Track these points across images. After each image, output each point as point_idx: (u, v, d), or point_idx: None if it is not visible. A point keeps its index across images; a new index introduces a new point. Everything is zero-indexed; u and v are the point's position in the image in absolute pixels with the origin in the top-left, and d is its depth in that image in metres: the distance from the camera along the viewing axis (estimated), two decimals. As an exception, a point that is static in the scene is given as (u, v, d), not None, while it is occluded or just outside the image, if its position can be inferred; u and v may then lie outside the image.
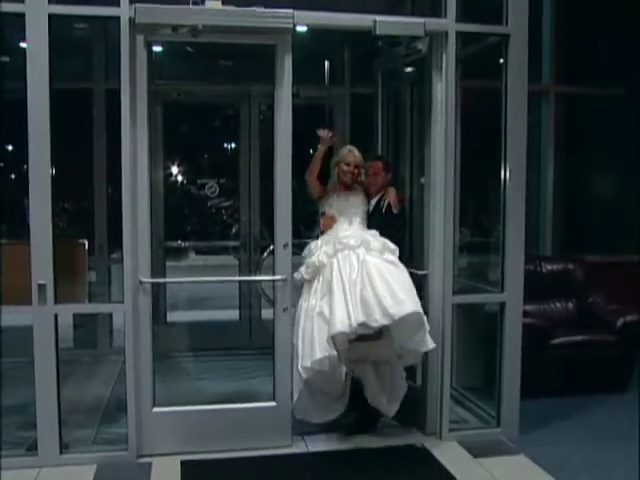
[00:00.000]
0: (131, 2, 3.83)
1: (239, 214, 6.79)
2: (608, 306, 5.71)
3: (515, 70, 4.34)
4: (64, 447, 4.00)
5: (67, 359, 4.47)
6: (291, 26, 4.01)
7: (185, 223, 9.07)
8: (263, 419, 4.25)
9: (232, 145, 8.67)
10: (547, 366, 5.14)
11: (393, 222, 4.56)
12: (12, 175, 6.89)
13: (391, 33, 4.34)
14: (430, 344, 4.14)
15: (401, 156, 5.37)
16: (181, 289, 8.01)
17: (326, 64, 6.62)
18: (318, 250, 4.31)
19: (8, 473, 3.79)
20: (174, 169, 9.19)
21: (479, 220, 5.92)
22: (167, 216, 6.53)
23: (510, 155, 4.37)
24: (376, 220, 4.55)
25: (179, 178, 9.43)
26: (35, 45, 3.76)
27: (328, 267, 4.21)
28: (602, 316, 5.64)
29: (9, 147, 6.59)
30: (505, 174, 4.39)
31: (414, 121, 5.10)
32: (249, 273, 6.54)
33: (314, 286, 4.24)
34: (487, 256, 5.03)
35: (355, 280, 4.09)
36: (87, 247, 4.27)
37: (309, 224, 5.06)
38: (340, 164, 4.57)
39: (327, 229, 4.48)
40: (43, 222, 3.83)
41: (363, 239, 4.28)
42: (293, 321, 4.25)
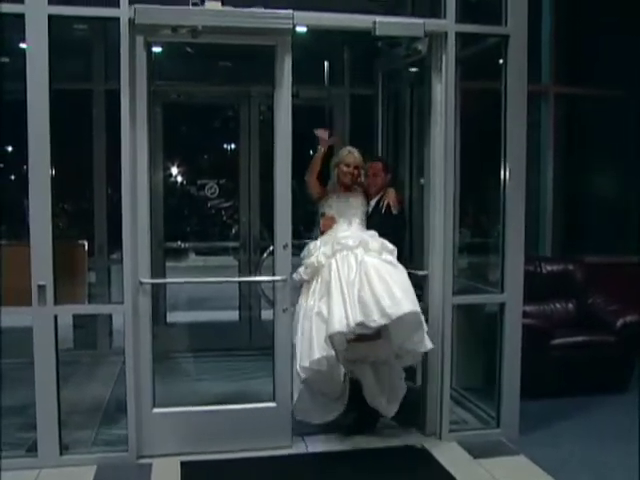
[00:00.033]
0: (131, 3, 3.83)
1: (239, 215, 6.79)
2: (608, 307, 5.70)
3: (515, 71, 4.34)
4: (64, 448, 4.00)
5: (67, 360, 4.47)
6: (291, 27, 4.01)
7: (185, 224, 9.06)
8: (263, 420, 4.24)
9: (232, 146, 8.67)
10: (547, 367, 5.14)
11: (392, 223, 4.56)
12: (12, 176, 6.88)
13: (391, 34, 4.34)
14: (428, 344, 4.14)
15: (401, 157, 5.38)
16: (181, 290, 8.01)
17: (326, 65, 6.62)
18: (317, 251, 4.31)
19: (8, 474, 3.79)
20: (174, 170, 9.19)
21: (479, 221, 5.92)
22: (167, 217, 6.52)
23: (510, 156, 4.37)
24: (375, 221, 4.55)
25: (179, 179, 9.43)
26: (35, 46, 3.76)
27: (326, 267, 4.22)
28: (602, 317, 5.63)
29: (9, 148, 6.59)
30: (505, 175, 4.39)
31: (414, 122, 5.10)
32: (249, 274, 6.55)
33: (313, 286, 4.25)
34: (487, 257, 5.03)
35: (353, 280, 4.09)
36: (87, 248, 4.26)
37: (309, 225, 5.06)
38: (340, 165, 4.57)
39: (327, 230, 4.47)
40: (43, 223, 3.83)
41: (361, 239, 4.28)
42: (293, 322, 4.25)
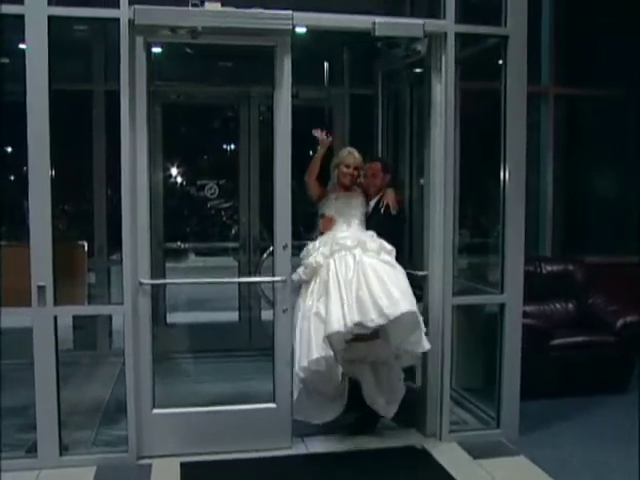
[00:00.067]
0: (130, 4, 3.84)
1: (239, 215, 6.79)
2: (608, 307, 5.70)
3: (514, 71, 4.34)
4: (64, 449, 4.00)
5: (67, 361, 4.47)
6: (290, 27, 4.01)
7: (185, 224, 9.05)
8: (263, 420, 4.24)
9: (232, 146, 8.66)
10: (547, 367, 5.14)
11: (391, 223, 4.56)
12: (12, 177, 6.88)
13: (390, 34, 4.34)
14: (426, 345, 4.15)
15: (401, 157, 5.37)
16: (181, 290, 7.99)
17: (325, 65, 6.62)
18: (315, 251, 4.32)
19: (8, 475, 3.79)
20: (173, 170, 9.18)
21: (479, 221, 5.92)
22: (167, 217, 6.53)
23: (509, 156, 4.37)
24: (375, 221, 4.55)
25: (178, 179, 9.42)
26: (35, 47, 3.76)
27: (325, 268, 4.22)
28: (602, 317, 5.63)
29: (9, 149, 6.58)
30: (505, 175, 4.39)
31: (414, 122, 5.10)
32: (249, 274, 6.55)
33: (311, 287, 4.25)
34: (487, 257, 5.03)
35: (351, 280, 4.10)
36: (87, 249, 4.26)
37: (309, 225, 5.06)
38: (340, 166, 4.57)
39: (326, 230, 4.47)
40: (43, 224, 3.83)
41: (359, 240, 4.29)
42: (293, 322, 4.26)
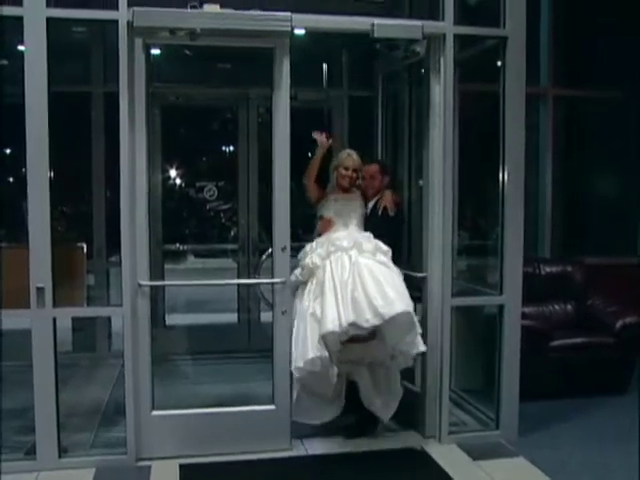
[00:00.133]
0: (129, 5, 3.84)
1: (237, 217, 6.79)
2: (607, 308, 5.70)
3: (513, 73, 4.34)
4: (63, 451, 3.99)
5: (66, 363, 4.48)
6: (289, 29, 4.01)
7: (184, 226, 9.06)
8: (262, 422, 4.24)
9: (230, 148, 8.66)
10: (546, 368, 5.14)
11: (389, 224, 4.56)
12: (11, 179, 6.87)
13: (389, 36, 4.34)
14: (421, 346, 4.17)
15: (400, 158, 5.37)
16: (180, 292, 8.00)
17: (324, 67, 6.62)
18: (312, 252, 4.33)
19: (7, 477, 3.78)
20: (172, 172, 9.18)
21: (478, 223, 5.92)
22: (166, 219, 6.52)
23: (508, 157, 4.37)
24: (373, 223, 4.55)
25: (177, 181, 9.42)
26: (33, 48, 3.76)
27: (321, 269, 4.24)
28: (601, 318, 5.63)
29: (8, 151, 6.58)
30: (503, 177, 4.39)
31: (413, 124, 5.10)
32: (248, 276, 6.55)
33: (308, 287, 4.27)
34: (486, 258, 5.03)
35: (347, 281, 4.11)
36: (86, 250, 4.27)
37: (308, 227, 5.06)
38: (339, 168, 4.58)
39: (325, 232, 4.48)
40: (42, 225, 3.82)
41: (355, 241, 4.30)
42: (292, 324, 4.25)
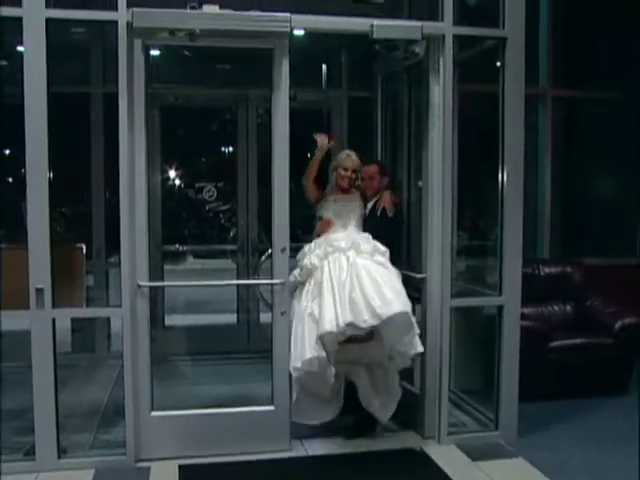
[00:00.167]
0: (129, 6, 3.84)
1: (237, 218, 6.79)
2: (606, 309, 5.70)
3: (512, 73, 4.34)
4: (62, 452, 3.99)
5: (65, 363, 4.49)
6: (288, 30, 4.01)
7: (183, 227, 9.07)
8: (261, 423, 4.24)
9: (230, 149, 8.67)
10: (545, 369, 5.14)
11: (387, 225, 4.57)
12: (10, 179, 6.87)
13: (388, 37, 4.34)
14: (419, 347, 4.17)
15: (399, 159, 5.37)
16: (179, 293, 8.00)
17: (323, 67, 6.62)
18: (310, 253, 4.34)
19: (6, 478, 3.78)
20: (172, 173, 9.19)
21: (477, 223, 5.92)
22: (165, 220, 6.52)
23: (507, 158, 4.37)
24: (371, 224, 4.56)
25: (177, 182, 9.43)
26: (33, 49, 3.75)
27: (319, 269, 4.25)
28: (600, 319, 5.62)
29: (7, 151, 6.58)
30: (503, 177, 4.39)
31: (412, 124, 5.10)
32: (247, 277, 6.54)
33: (306, 288, 4.27)
34: (485, 259, 5.03)
35: (344, 281, 4.12)
36: (85, 251, 4.28)
37: (307, 228, 5.06)
38: (338, 169, 4.57)
39: (323, 233, 4.48)
40: (41, 226, 3.82)
41: (354, 241, 4.30)
42: (290, 324, 4.26)
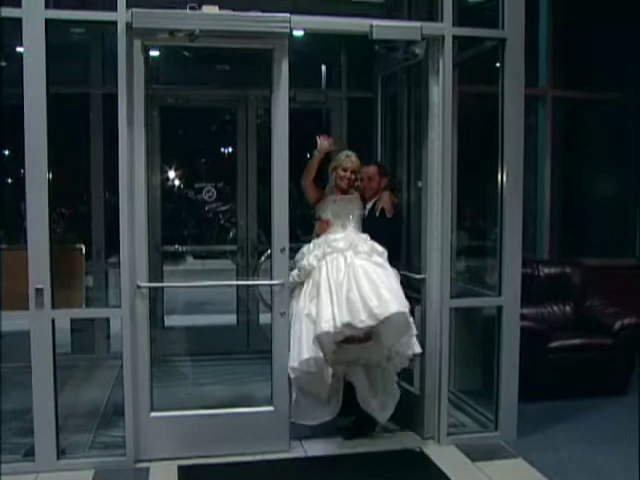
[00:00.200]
0: (128, 7, 3.84)
1: (236, 218, 6.80)
2: (606, 309, 5.70)
3: (512, 74, 4.34)
4: (61, 452, 3.99)
5: (64, 364, 4.48)
6: (288, 30, 4.01)
7: (182, 227, 9.08)
8: (261, 424, 4.24)
9: (229, 149, 8.68)
10: (545, 369, 5.14)
11: (386, 226, 4.57)
12: (9, 180, 6.88)
13: (388, 37, 4.35)
14: (416, 348, 4.19)
15: (399, 160, 5.37)
16: (179, 293, 8.00)
17: (323, 68, 6.63)
18: (309, 254, 4.35)
19: (6, 479, 3.78)
20: (171, 173, 9.20)
21: (476, 224, 5.92)
22: (164, 220, 6.53)
23: (507, 159, 4.37)
24: (370, 224, 4.56)
25: (176, 182, 9.44)
26: (32, 50, 3.75)
27: (317, 270, 4.26)
28: (600, 319, 5.62)
29: (6, 152, 6.58)
30: (502, 178, 4.39)
31: (411, 125, 5.11)
32: (247, 277, 6.54)
33: (304, 288, 4.29)
34: (484, 260, 5.03)
35: (342, 282, 4.13)
36: (84, 252, 4.27)
37: (307, 228, 5.07)
38: (337, 169, 4.57)
39: (322, 233, 4.48)
40: (40, 227, 3.82)
41: (352, 242, 4.31)
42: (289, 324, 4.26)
